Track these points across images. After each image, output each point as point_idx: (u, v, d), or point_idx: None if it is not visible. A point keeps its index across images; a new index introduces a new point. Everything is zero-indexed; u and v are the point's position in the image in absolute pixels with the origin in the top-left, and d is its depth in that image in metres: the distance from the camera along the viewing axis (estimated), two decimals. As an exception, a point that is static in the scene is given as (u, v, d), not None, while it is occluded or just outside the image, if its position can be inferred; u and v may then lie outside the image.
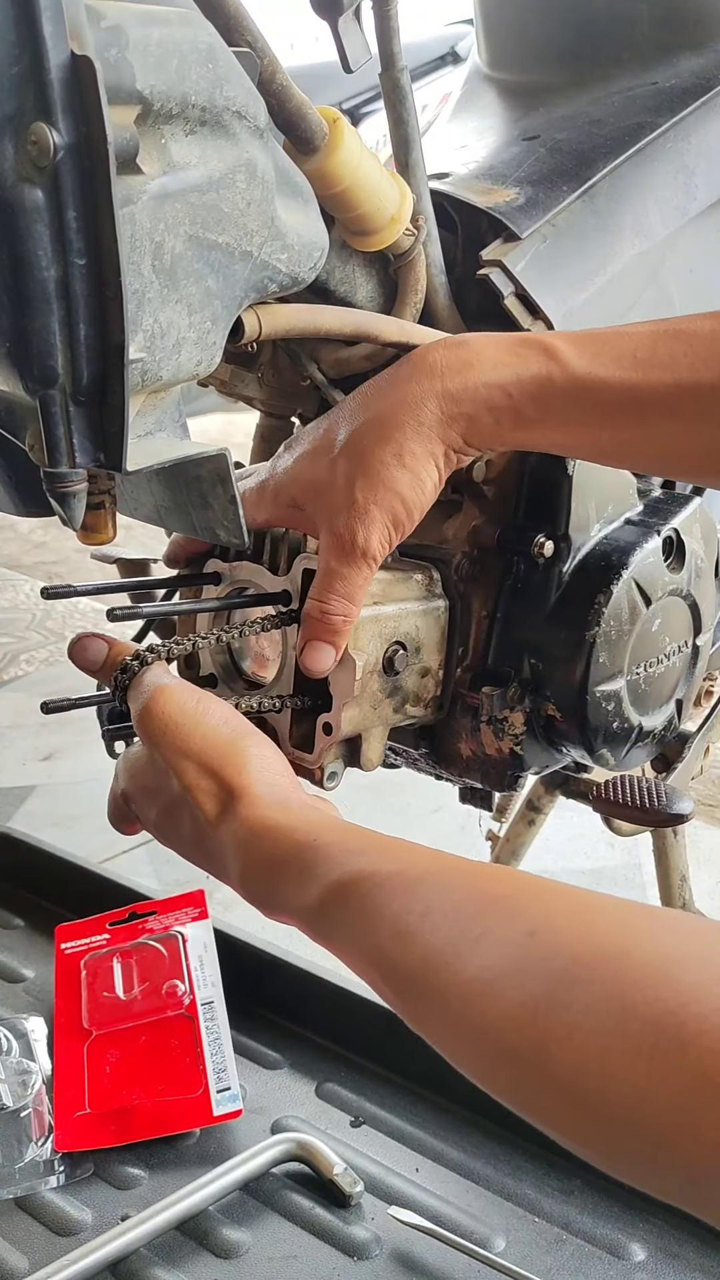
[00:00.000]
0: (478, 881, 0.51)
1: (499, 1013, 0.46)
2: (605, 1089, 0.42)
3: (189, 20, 0.56)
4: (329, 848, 0.57)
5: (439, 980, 0.49)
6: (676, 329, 0.65)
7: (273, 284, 0.64)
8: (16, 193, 0.49)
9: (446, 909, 0.51)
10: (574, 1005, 0.44)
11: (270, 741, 0.65)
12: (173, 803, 0.64)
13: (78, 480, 0.56)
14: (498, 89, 1.08)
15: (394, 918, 0.52)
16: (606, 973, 0.44)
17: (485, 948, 0.48)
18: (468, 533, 0.90)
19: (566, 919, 0.47)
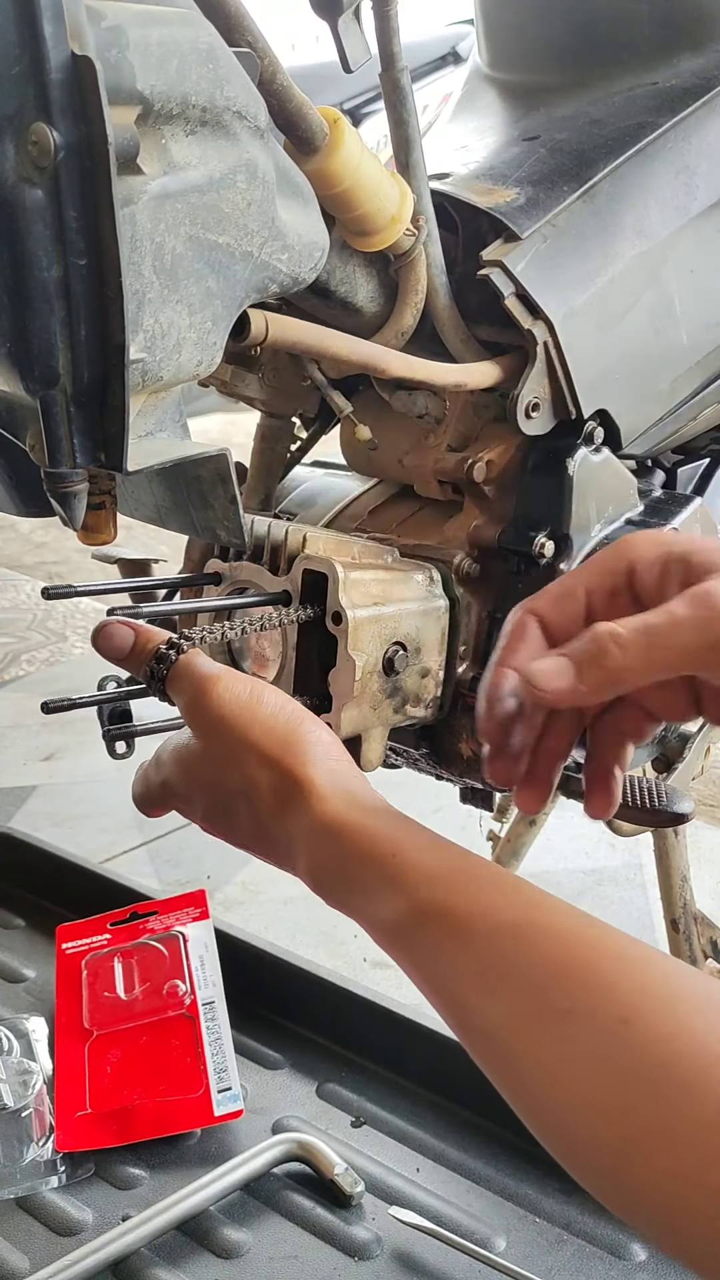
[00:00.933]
0: (560, 946, 0.49)
1: (585, 1104, 0.45)
2: (694, 1199, 0.42)
3: (189, 20, 0.56)
4: (408, 870, 0.54)
5: (520, 1049, 0.48)
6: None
7: (273, 284, 0.64)
8: (17, 193, 0.49)
9: (532, 969, 0.48)
10: (666, 1111, 0.43)
11: (324, 725, 0.63)
12: (229, 794, 0.62)
13: (78, 480, 0.56)
14: (498, 89, 1.08)
15: (473, 968, 0.50)
16: (698, 1083, 0.43)
17: (575, 1026, 0.46)
18: (468, 533, 0.90)
19: (661, 1008, 0.45)
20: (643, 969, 0.47)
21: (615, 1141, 0.44)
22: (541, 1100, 0.47)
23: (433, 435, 0.94)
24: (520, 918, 0.50)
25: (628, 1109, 0.44)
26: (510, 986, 0.48)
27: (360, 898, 0.56)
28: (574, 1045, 0.46)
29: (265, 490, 1.06)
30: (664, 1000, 0.45)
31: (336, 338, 0.78)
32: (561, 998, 0.47)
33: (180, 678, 0.64)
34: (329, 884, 0.58)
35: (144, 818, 0.73)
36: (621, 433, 0.93)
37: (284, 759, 0.60)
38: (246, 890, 1.82)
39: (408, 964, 0.54)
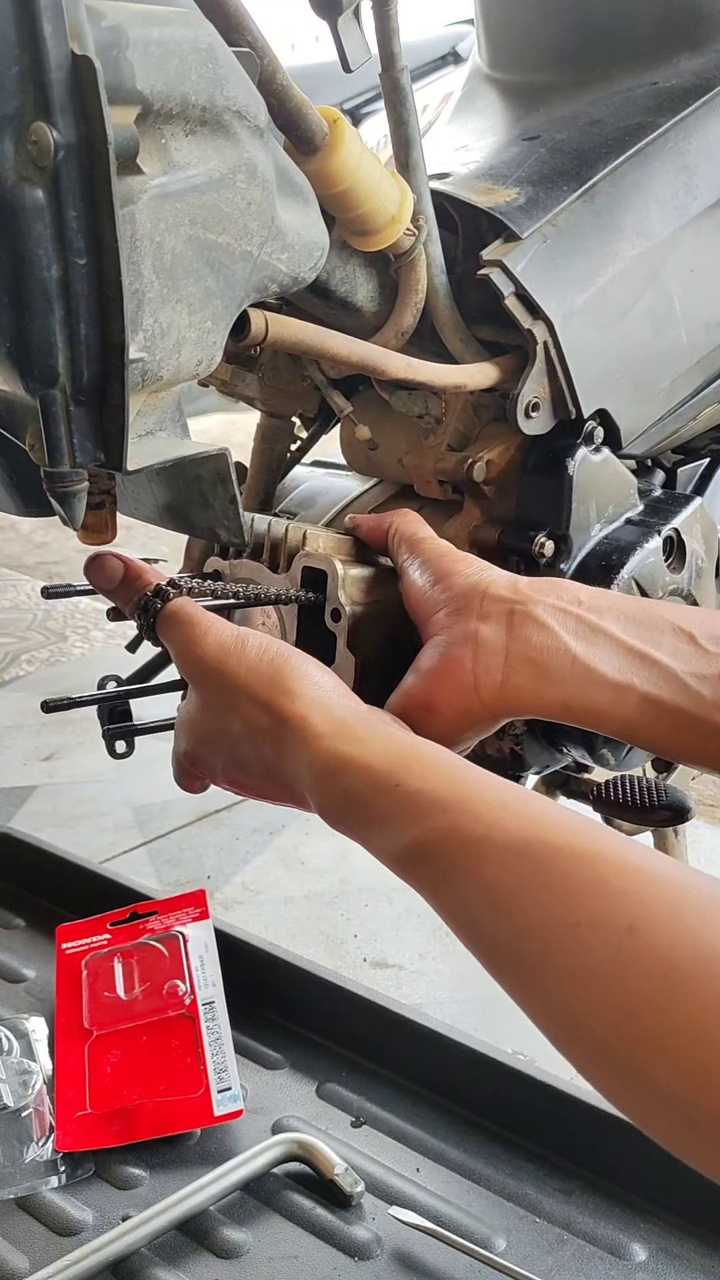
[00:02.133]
0: (569, 862, 0.50)
1: (595, 1009, 0.46)
2: (701, 1098, 0.42)
3: (189, 20, 0.56)
4: (411, 797, 0.55)
5: (532, 962, 0.49)
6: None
7: (273, 284, 0.64)
8: (17, 192, 0.49)
9: (541, 887, 0.49)
10: (671, 1011, 0.44)
11: (315, 660, 0.64)
12: (235, 743, 0.63)
13: (78, 480, 0.56)
14: (498, 89, 1.08)
15: (485, 887, 0.51)
16: (705, 982, 0.44)
17: (583, 937, 0.47)
18: (468, 533, 0.90)
19: (666, 915, 0.46)
20: (648, 878, 0.48)
21: (626, 1045, 0.45)
22: (557, 1009, 0.49)
23: (432, 435, 0.94)
24: (528, 835, 0.51)
25: (636, 1013, 0.45)
26: (522, 904, 0.50)
27: (368, 830, 0.57)
28: (584, 955, 0.47)
29: (265, 490, 1.06)
30: (668, 907, 0.47)
31: (336, 338, 0.78)
32: (570, 910, 0.48)
33: (170, 622, 0.66)
34: (339, 819, 0.59)
35: (144, 818, 0.73)
36: (621, 433, 0.93)
37: (274, 698, 0.61)
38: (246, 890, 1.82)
39: (422, 889, 0.55)
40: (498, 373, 0.88)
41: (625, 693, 0.64)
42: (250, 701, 0.61)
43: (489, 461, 0.89)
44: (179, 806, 2.03)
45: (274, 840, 1.93)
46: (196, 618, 0.65)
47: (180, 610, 0.66)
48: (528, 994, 0.50)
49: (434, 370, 0.84)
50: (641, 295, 0.94)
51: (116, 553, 0.69)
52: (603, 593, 0.68)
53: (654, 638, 0.64)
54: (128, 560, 0.69)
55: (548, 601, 0.66)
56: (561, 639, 0.65)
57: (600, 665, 0.64)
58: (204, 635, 0.64)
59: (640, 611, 0.66)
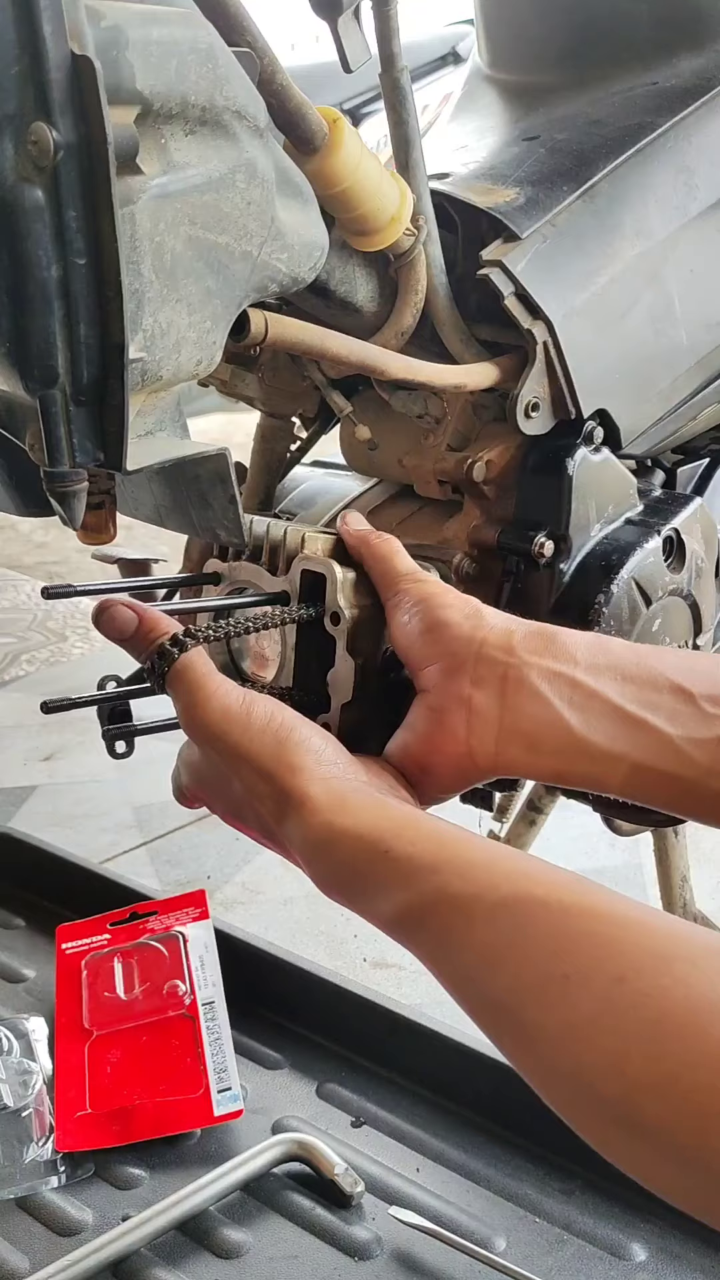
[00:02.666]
0: (558, 917, 0.50)
1: (589, 1061, 0.46)
2: (699, 1144, 0.42)
3: (189, 20, 0.56)
4: (400, 863, 0.55)
5: (527, 1019, 0.49)
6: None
7: (273, 284, 0.64)
8: (16, 192, 0.49)
9: (529, 944, 0.49)
10: (664, 1059, 0.44)
11: (318, 729, 0.63)
12: (235, 800, 0.63)
13: (78, 480, 0.56)
14: (498, 89, 1.08)
15: (477, 947, 0.51)
16: (696, 1028, 0.44)
17: (572, 990, 0.47)
18: (468, 533, 0.90)
19: (654, 964, 0.46)
20: (636, 929, 0.48)
21: (619, 1097, 0.45)
22: (551, 1064, 0.49)
23: (432, 435, 0.94)
24: (518, 892, 0.51)
25: (629, 1062, 0.45)
26: (513, 960, 0.50)
27: (362, 898, 0.57)
28: (575, 1009, 0.47)
29: (265, 490, 1.06)
30: (658, 957, 0.46)
31: (336, 338, 0.78)
32: (560, 965, 0.48)
33: (178, 679, 0.65)
34: (332, 888, 0.59)
35: (144, 818, 0.73)
36: (621, 433, 0.93)
37: (276, 772, 0.61)
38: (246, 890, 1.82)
39: (417, 952, 0.55)
40: (497, 373, 0.88)
41: (619, 761, 0.63)
42: (253, 771, 0.61)
43: (489, 461, 0.89)
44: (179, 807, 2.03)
45: (274, 840, 1.93)
46: (204, 680, 0.64)
47: (190, 669, 0.64)
48: (521, 1051, 0.50)
49: (434, 370, 0.84)
50: (641, 295, 0.94)
51: (129, 602, 0.68)
52: (602, 647, 0.65)
53: (652, 699, 0.63)
54: (140, 611, 0.67)
55: (543, 665, 0.64)
56: (555, 709, 0.64)
57: (594, 736, 0.63)
58: (208, 699, 0.63)
59: (639, 670, 0.64)
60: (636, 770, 0.63)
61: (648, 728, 0.63)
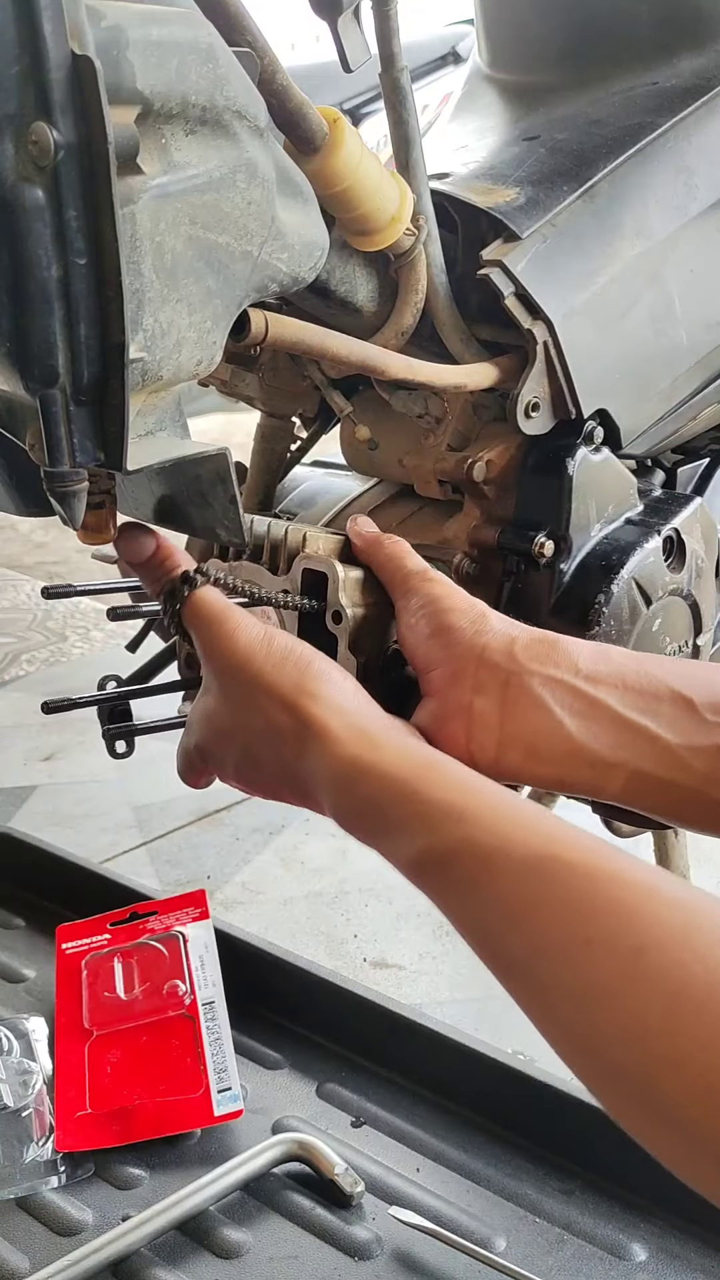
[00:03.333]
0: (583, 880, 0.50)
1: (604, 1029, 0.46)
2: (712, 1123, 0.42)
3: (189, 20, 0.56)
4: (427, 807, 0.55)
5: (544, 979, 0.49)
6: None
7: (273, 284, 0.64)
8: (17, 192, 0.49)
9: (554, 905, 0.50)
10: (680, 1034, 0.44)
11: (335, 663, 0.63)
12: (252, 741, 0.63)
13: (78, 480, 0.56)
14: (498, 89, 1.08)
15: (498, 903, 0.51)
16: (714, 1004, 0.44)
17: (594, 955, 0.47)
18: (468, 532, 0.90)
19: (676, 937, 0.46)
20: (660, 899, 0.48)
21: (636, 1067, 0.45)
22: (569, 1027, 0.49)
23: (432, 435, 0.94)
24: (542, 851, 0.51)
25: (646, 1034, 0.45)
26: (535, 919, 0.50)
27: (383, 837, 0.57)
28: (595, 973, 0.47)
29: (265, 490, 1.06)
30: (679, 929, 0.46)
31: (336, 338, 0.78)
32: (582, 928, 0.48)
33: (197, 612, 0.65)
34: (353, 825, 0.59)
35: (144, 818, 0.73)
36: (621, 432, 0.93)
37: (298, 700, 0.60)
38: (246, 890, 1.82)
39: (435, 898, 0.55)
40: (497, 373, 0.88)
41: (618, 768, 0.63)
42: (273, 701, 0.61)
43: (489, 461, 0.89)
44: (179, 806, 2.03)
45: (274, 840, 1.93)
46: (226, 612, 0.65)
47: (210, 601, 0.65)
48: (539, 1009, 0.50)
49: (434, 370, 0.84)
50: (641, 295, 0.94)
51: (149, 527, 0.68)
52: (603, 655, 0.65)
53: (652, 707, 0.63)
54: (159, 538, 0.68)
55: (544, 673, 0.64)
56: (555, 717, 0.64)
57: (594, 744, 0.63)
58: (233, 630, 0.63)
59: (640, 678, 0.64)
60: (635, 777, 0.63)
61: (648, 735, 0.63)
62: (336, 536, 0.79)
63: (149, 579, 0.68)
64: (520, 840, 0.52)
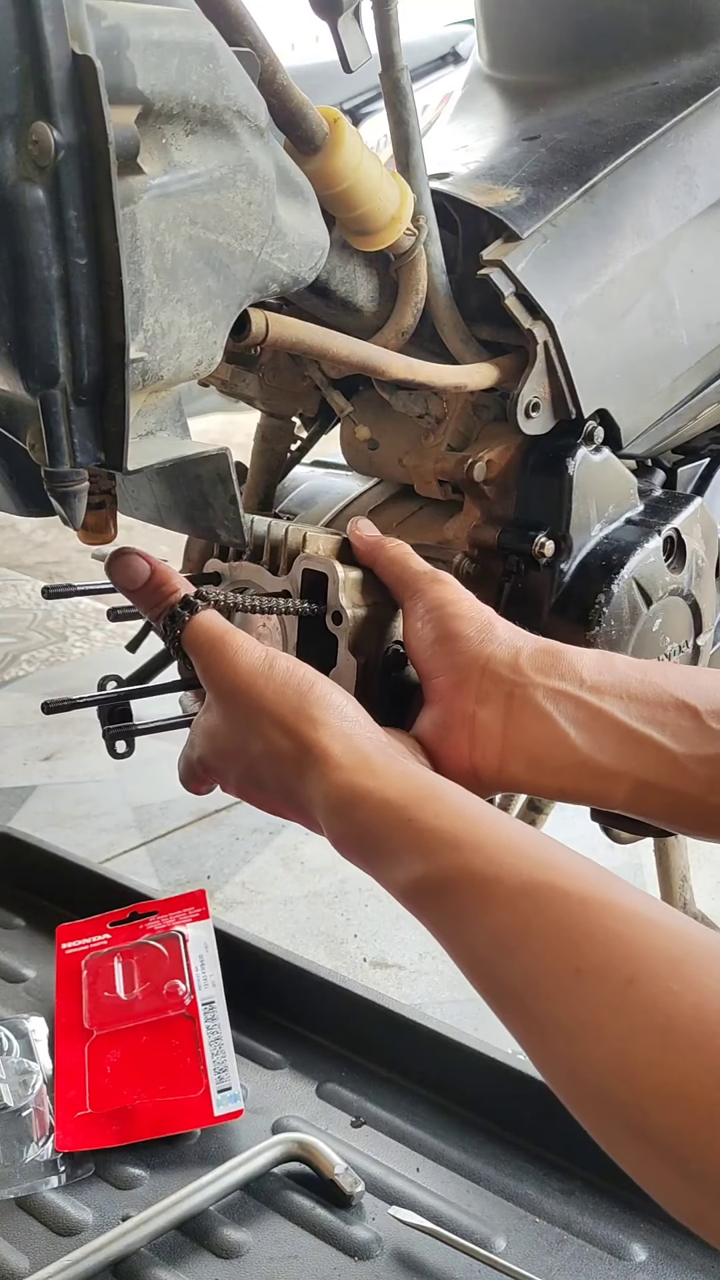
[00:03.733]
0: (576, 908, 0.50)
1: (597, 1060, 0.46)
2: (704, 1155, 0.42)
3: (190, 20, 0.56)
4: (423, 834, 0.55)
5: (537, 1009, 0.49)
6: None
7: (274, 284, 0.64)
8: (17, 192, 0.49)
9: (547, 931, 0.49)
10: (670, 1067, 0.44)
11: (339, 687, 0.63)
12: (252, 762, 0.63)
13: (79, 480, 0.56)
14: (498, 89, 1.08)
15: (492, 931, 0.51)
16: (703, 1038, 0.43)
17: (585, 986, 0.47)
18: (468, 532, 0.90)
19: (666, 968, 0.46)
20: (651, 928, 0.48)
21: (626, 1099, 0.45)
22: (560, 1058, 0.48)
23: (433, 435, 0.94)
24: (538, 879, 0.51)
25: (635, 1066, 0.45)
26: (528, 948, 0.49)
27: (380, 863, 0.57)
28: (585, 1006, 0.47)
29: (265, 490, 1.06)
30: (670, 960, 0.46)
31: (336, 338, 0.78)
32: (574, 957, 0.48)
33: (197, 636, 0.65)
34: (350, 850, 0.59)
35: (144, 818, 0.73)
36: (622, 432, 0.93)
37: (298, 725, 0.60)
38: (246, 890, 1.82)
39: (430, 926, 0.55)
40: (498, 373, 0.88)
41: (623, 778, 0.63)
42: (275, 726, 0.61)
43: (489, 461, 0.89)
44: (179, 806, 2.03)
45: (274, 840, 1.93)
46: (226, 636, 0.64)
47: (209, 626, 0.65)
48: (531, 1040, 0.50)
49: (434, 370, 0.84)
50: (642, 295, 0.94)
51: (141, 552, 0.68)
52: (607, 665, 0.65)
53: (657, 717, 0.63)
54: (153, 562, 0.68)
55: (548, 685, 0.64)
56: (560, 728, 0.64)
57: (598, 755, 0.63)
58: (234, 655, 0.63)
59: (644, 687, 0.64)
60: (639, 786, 0.63)
61: (652, 744, 0.63)
62: (336, 537, 0.79)
63: (146, 604, 0.68)
64: (517, 867, 0.52)
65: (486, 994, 0.52)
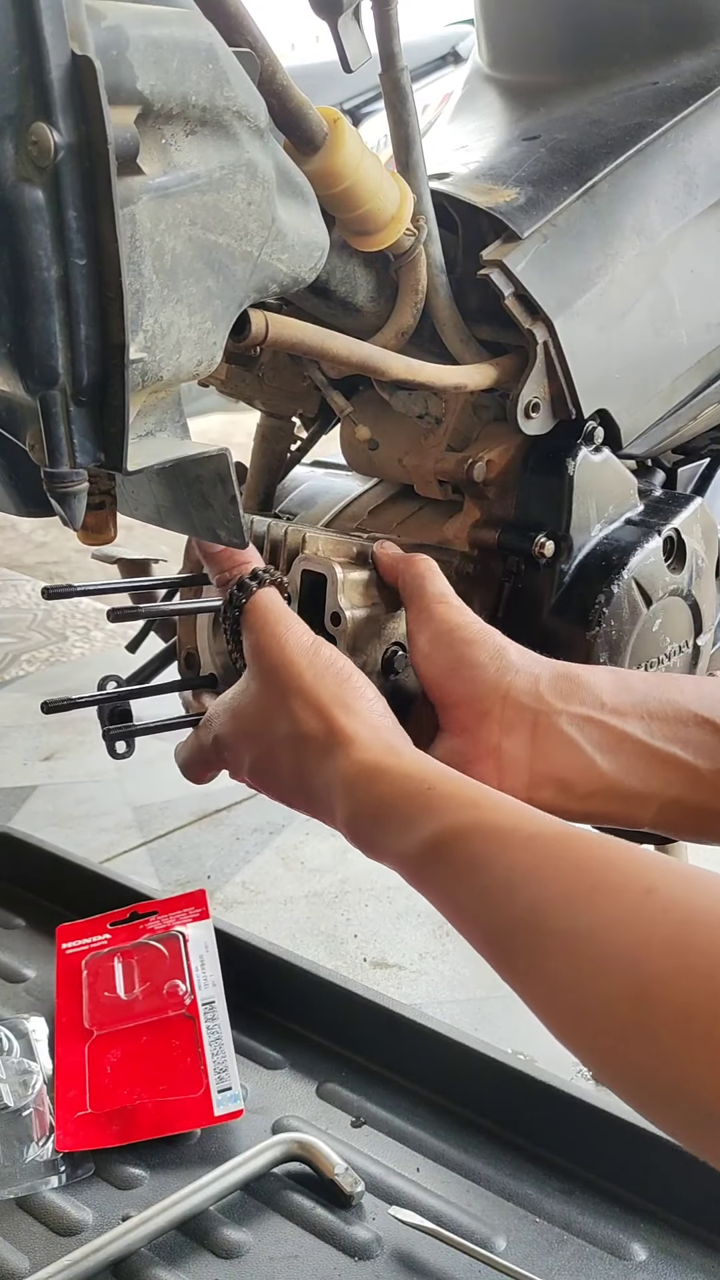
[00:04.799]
0: (592, 846, 0.51)
1: (606, 962, 0.47)
2: (711, 1020, 0.43)
3: (189, 20, 0.56)
4: (443, 797, 0.56)
5: (547, 927, 0.49)
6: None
7: (274, 284, 0.64)
8: (17, 193, 0.49)
9: (559, 865, 0.51)
10: (688, 952, 0.45)
11: (373, 685, 0.65)
12: (275, 743, 0.64)
13: (78, 480, 0.56)
14: (498, 89, 1.08)
15: (503, 870, 0.52)
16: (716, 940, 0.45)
17: (599, 901, 0.48)
18: (468, 533, 0.90)
19: (684, 882, 0.48)
20: (664, 862, 0.50)
21: (631, 991, 0.46)
22: (560, 976, 0.49)
23: (432, 435, 0.94)
24: (555, 830, 0.53)
25: (648, 958, 0.46)
26: (537, 880, 0.51)
27: (392, 834, 0.58)
28: (600, 914, 0.48)
29: (265, 490, 1.06)
30: (687, 878, 0.48)
31: (336, 338, 0.78)
32: (587, 879, 0.50)
33: (256, 609, 0.67)
34: (362, 827, 0.60)
35: (144, 818, 0.73)
36: (622, 433, 0.93)
37: (331, 709, 0.62)
38: (246, 890, 1.82)
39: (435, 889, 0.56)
40: (498, 373, 0.88)
41: (650, 799, 0.64)
42: (308, 707, 0.63)
43: (489, 462, 0.89)
44: (179, 806, 2.03)
45: (274, 840, 1.93)
46: (285, 617, 0.67)
47: (271, 603, 0.67)
48: (530, 968, 0.51)
49: (434, 371, 0.84)
50: (642, 295, 0.94)
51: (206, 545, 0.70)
52: (626, 685, 0.66)
53: (680, 734, 0.64)
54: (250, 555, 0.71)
55: (571, 711, 0.65)
56: (585, 753, 0.65)
57: (625, 777, 0.64)
58: (285, 632, 0.65)
59: (664, 705, 0.65)
60: (667, 805, 0.64)
61: (677, 763, 0.64)
62: (336, 538, 0.79)
63: (216, 568, 0.70)
64: (533, 820, 0.54)
65: (489, 941, 0.53)
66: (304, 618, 0.75)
